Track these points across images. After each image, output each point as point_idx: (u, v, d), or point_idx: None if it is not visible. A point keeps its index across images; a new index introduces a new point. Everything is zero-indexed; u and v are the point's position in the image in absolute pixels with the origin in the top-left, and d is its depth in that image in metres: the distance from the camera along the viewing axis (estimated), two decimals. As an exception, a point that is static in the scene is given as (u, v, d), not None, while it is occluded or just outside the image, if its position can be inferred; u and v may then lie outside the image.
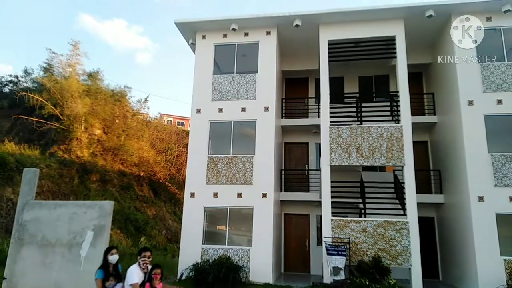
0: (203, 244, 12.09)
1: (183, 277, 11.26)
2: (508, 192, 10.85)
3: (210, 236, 12.43)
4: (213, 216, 12.76)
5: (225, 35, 13.58)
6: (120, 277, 5.46)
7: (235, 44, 13.55)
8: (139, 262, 5.29)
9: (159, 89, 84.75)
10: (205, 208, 12.39)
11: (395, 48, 12.37)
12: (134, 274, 5.18)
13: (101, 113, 23.37)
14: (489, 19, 11.94)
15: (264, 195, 12.10)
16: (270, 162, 12.41)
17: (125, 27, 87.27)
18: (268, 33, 13.32)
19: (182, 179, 24.33)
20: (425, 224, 13.91)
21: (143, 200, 23.37)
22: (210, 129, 13.02)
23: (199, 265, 11.01)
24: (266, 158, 12.44)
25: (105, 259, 5.53)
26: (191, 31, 13.83)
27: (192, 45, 14.23)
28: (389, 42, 12.56)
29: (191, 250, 11.89)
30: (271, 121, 12.72)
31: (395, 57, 12.39)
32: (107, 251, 5.63)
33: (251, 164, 12.48)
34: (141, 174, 24.92)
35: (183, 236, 12.25)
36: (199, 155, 12.77)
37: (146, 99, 29.13)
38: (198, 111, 13.21)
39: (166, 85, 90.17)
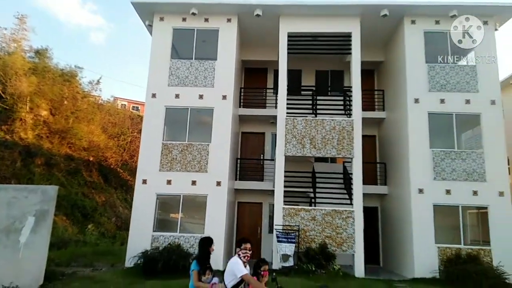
0: (153, 231, 11.89)
1: (131, 265, 11.02)
2: (445, 185, 11.79)
3: (162, 224, 12.26)
4: (165, 204, 12.57)
5: (184, 19, 13.23)
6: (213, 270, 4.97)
7: (194, 29, 13.26)
8: (239, 254, 4.70)
9: (113, 72, 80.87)
10: (157, 195, 12.16)
11: (350, 45, 12.81)
12: (241, 265, 4.58)
13: (49, 93, 21.91)
14: (437, 22, 12.72)
15: (218, 183, 12.12)
16: (226, 150, 12.43)
17: (78, 3, 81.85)
18: (229, 20, 13.19)
19: (135, 166, 23.45)
20: (370, 213, 14.78)
21: (92, 186, 22.40)
22: (165, 115, 12.72)
23: (149, 253, 10.82)
24: (222, 147, 12.44)
25: (205, 250, 4.96)
26: (148, 12, 13.31)
27: (149, 27, 13.71)
28: (345, 38, 12.97)
29: (141, 238, 11.65)
30: (228, 110, 12.70)
31: (350, 54, 12.84)
32: (210, 242, 5.06)
33: (206, 152, 12.41)
34: (91, 159, 23.80)
35: (132, 223, 11.97)
36: (153, 141, 12.46)
37: (98, 81, 27.65)
38: (154, 95, 12.84)
39: (121, 67, 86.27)
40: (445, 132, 12.25)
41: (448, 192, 11.67)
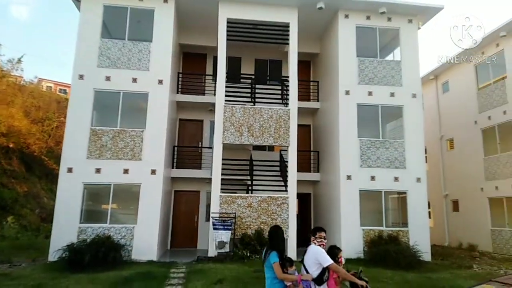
0: (80, 223, 11.17)
1: (55, 259, 10.26)
2: (370, 172, 12.65)
3: (90, 215, 11.57)
4: (94, 194, 11.88)
5: (116, -4, 12.35)
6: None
7: (127, 8, 12.45)
8: (315, 243, 4.44)
9: (38, 50, 73.36)
10: (84, 184, 11.40)
11: (288, 35, 13.00)
12: (326, 254, 4.31)
13: (-44, 71, 19.20)
14: (368, 18, 13.43)
15: (153, 172, 11.71)
16: (161, 137, 12.01)
17: (-5, -31, 72.27)
18: (165, 1, 12.59)
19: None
20: (303, 199, 15.45)
21: (11, 176, 20.28)
22: (94, 99, 11.87)
23: (75, 245, 10.12)
24: (157, 134, 11.99)
25: (281, 240, 4.66)
26: (75, -15, 12.20)
27: (77, 2, 12.53)
28: (284, 28, 13.13)
29: (66, 230, 10.87)
30: (165, 95, 12.24)
31: (288, 44, 13.04)
32: (283, 232, 4.77)
33: (140, 139, 11.87)
34: (10, 145, 21.50)
35: (56, 215, 11.09)
36: (80, 126, 11.59)
37: (19, 60, 24.73)
38: (81, 77, 11.87)
39: (47, 46, 78.59)
40: (371, 122, 13.10)
41: (372, 178, 12.56)
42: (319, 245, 4.47)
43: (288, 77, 12.98)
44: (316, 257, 4.33)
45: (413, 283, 8.76)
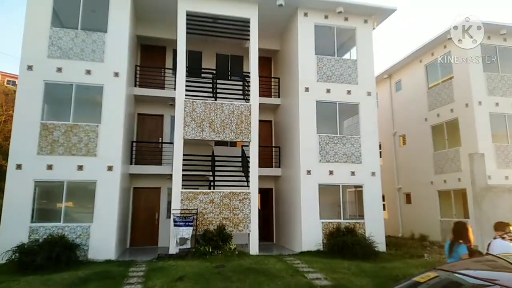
0: (31, 222, 10.57)
1: (3, 261, 9.63)
2: (328, 166, 13.03)
3: (42, 214, 10.98)
4: (46, 191, 11.29)
5: (68, -17, 11.73)
6: None
7: (80, -5, 11.86)
8: (504, 237, 4.29)
9: (-16, 38, 67.65)
10: (35, 182, 10.77)
11: (249, 31, 13.01)
12: None
13: None
14: (326, 17, 13.77)
15: (109, 168, 11.31)
16: (118, 132, 11.61)
17: None
18: (122, -10, 12.13)
19: (11, 149, 20.45)
20: (265, 194, 15.64)
21: (-48, 174, 18.70)
22: (44, 91, 11.21)
23: (26, 246, 9.57)
24: (114, 128, 11.58)
25: (468, 233, 4.40)
26: (22, -30, 11.40)
27: (24, -12, 11.78)
28: (244, 24, 13.12)
29: (16, 230, 10.27)
30: (121, 88, 11.82)
31: (249, 40, 13.06)
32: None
33: (95, 134, 11.40)
34: (-49, 141, 19.80)
35: (4, 214, 10.41)
36: (29, 120, 10.90)
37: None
38: (30, 68, 11.16)
39: (-6, 34, 72.73)
40: (330, 119, 13.48)
41: (331, 172, 12.97)
42: (510, 239, 4.52)
43: (249, 72, 13.02)
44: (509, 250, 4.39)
45: (368, 272, 9.17)
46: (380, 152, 18.56)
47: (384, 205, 17.92)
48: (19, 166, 10.70)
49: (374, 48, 14.15)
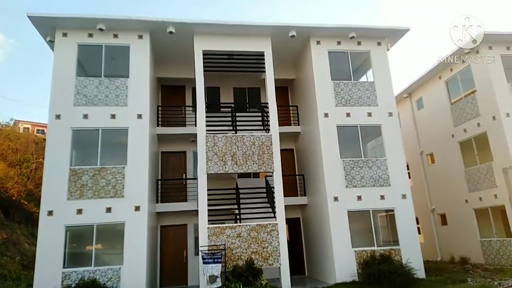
0: (64, 268, 10.65)
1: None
2: (356, 192, 12.67)
3: (74, 258, 11.07)
4: (77, 236, 11.43)
5: (90, 35, 12.43)
6: None
7: (102, 45, 12.52)
8: None
9: (14, 92, 72.28)
10: (66, 227, 10.97)
11: (264, 63, 13.27)
12: None
13: None
14: (339, 43, 13.92)
15: (137, 208, 11.41)
16: (144, 172, 11.80)
17: (-32, 15, 72.17)
18: (140, 37, 12.75)
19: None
20: (293, 225, 15.27)
21: (-12, 223, 19.39)
22: (72, 138, 11.65)
23: (58, 293, 9.65)
24: (139, 169, 11.78)
25: None
26: (49, 27, 12.22)
27: (51, 43, 12.57)
28: (259, 57, 13.43)
29: (49, 276, 10.36)
30: (144, 129, 12.14)
31: (265, 72, 13.31)
32: None
33: (122, 175, 11.63)
34: (-13, 191, 20.71)
35: (38, 262, 10.56)
36: (58, 167, 11.27)
37: (-6, 103, 24.42)
38: (58, 117, 11.69)
39: (23, 87, 77.55)
40: (352, 142, 13.26)
41: (359, 198, 12.58)
42: None
43: (267, 103, 13.15)
44: None
45: (409, 302, 8.63)
46: (409, 173, 17.99)
47: (418, 228, 17.14)
48: (50, 213, 10.96)
49: (391, 68, 14.08)
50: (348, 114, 13.32)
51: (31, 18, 11.80)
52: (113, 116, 12.00)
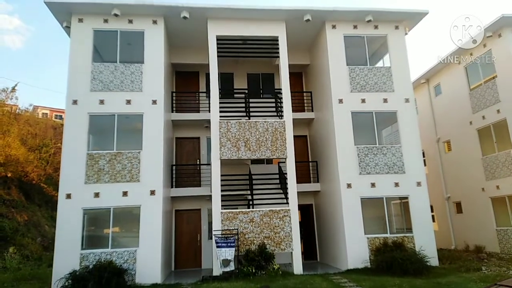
0: (82, 249, 11.02)
1: (58, 288, 10.10)
2: (370, 179, 12.59)
3: (91, 240, 11.42)
4: (94, 218, 11.75)
5: (106, 20, 12.49)
6: None
7: (117, 31, 12.57)
8: None
9: (33, 78, 73.72)
10: (84, 210, 11.29)
11: (278, 48, 13.13)
12: None
13: (-50, 104, 19.24)
14: (355, 27, 13.61)
15: (152, 192, 11.63)
16: (159, 157, 11.96)
17: (-13, 2, 73.32)
18: (155, 22, 12.74)
19: (61, 179, 21.77)
20: (305, 211, 15.33)
21: (11, 205, 20.09)
22: (89, 123, 11.87)
23: (77, 273, 10.00)
24: (154, 154, 11.95)
25: None
26: (65, 12, 12.33)
27: (67, 29, 12.69)
28: (273, 42, 13.28)
29: (68, 258, 10.73)
30: (159, 115, 12.25)
31: (279, 57, 13.16)
32: None
33: (138, 160, 11.83)
34: (9, 175, 21.39)
35: (57, 243, 10.95)
36: (76, 151, 11.54)
37: (14, 88, 24.87)
38: (75, 102, 11.91)
39: (42, 73, 79.12)
40: (367, 129, 13.09)
41: (373, 185, 12.50)
42: None
43: (281, 89, 13.05)
44: None
45: (421, 289, 8.63)
46: (424, 160, 17.71)
47: (433, 216, 16.97)
48: (68, 196, 11.29)
49: (409, 53, 13.73)
50: (363, 100, 13.11)
51: (48, 4, 11.90)
52: (128, 102, 12.14)
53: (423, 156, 14.04)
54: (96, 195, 11.38)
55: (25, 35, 79.66)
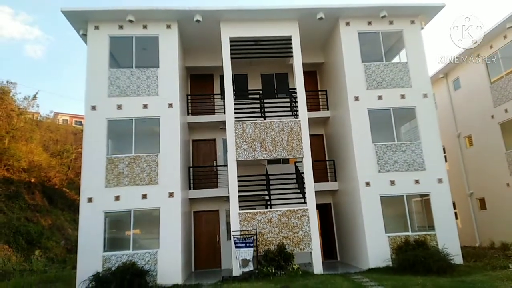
0: (104, 251, 11.25)
1: (82, 290, 10.33)
2: (389, 176, 12.38)
3: (113, 243, 11.64)
4: (115, 221, 11.97)
5: (121, 27, 12.73)
6: None
7: (132, 37, 12.80)
8: None
9: (53, 85, 75.78)
10: (105, 213, 11.53)
11: (291, 48, 13.08)
12: None
13: (-23, 112, 20.02)
14: (369, 23, 13.42)
15: (171, 194, 11.77)
16: (176, 160, 12.10)
17: (10, 14, 75.89)
18: (169, 26, 12.91)
19: (82, 184, 22.33)
20: (324, 210, 15.20)
21: (35, 210, 20.75)
22: (108, 128, 12.11)
23: (100, 275, 10.21)
24: (172, 156, 12.10)
25: None
26: (81, 21, 12.64)
27: (84, 36, 13.00)
28: (286, 42, 13.24)
29: (91, 260, 10.97)
30: (175, 118, 12.40)
31: (292, 56, 13.11)
32: None
33: (156, 163, 12.00)
34: (32, 180, 22.09)
35: (80, 246, 11.22)
36: (96, 156, 11.80)
37: (35, 96, 25.62)
38: (93, 108, 12.18)
39: (62, 81, 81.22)
40: (385, 126, 12.88)
41: (392, 183, 12.29)
42: None
43: (295, 88, 12.99)
44: None
45: (446, 288, 8.42)
46: (445, 156, 17.30)
47: (455, 213, 16.55)
48: (90, 199, 11.55)
49: (426, 47, 13.43)
50: (380, 97, 12.91)
51: (64, 13, 12.23)
52: (145, 106, 12.33)
53: (444, 152, 13.68)
54: (117, 198, 11.60)
55: (45, 44, 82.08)
